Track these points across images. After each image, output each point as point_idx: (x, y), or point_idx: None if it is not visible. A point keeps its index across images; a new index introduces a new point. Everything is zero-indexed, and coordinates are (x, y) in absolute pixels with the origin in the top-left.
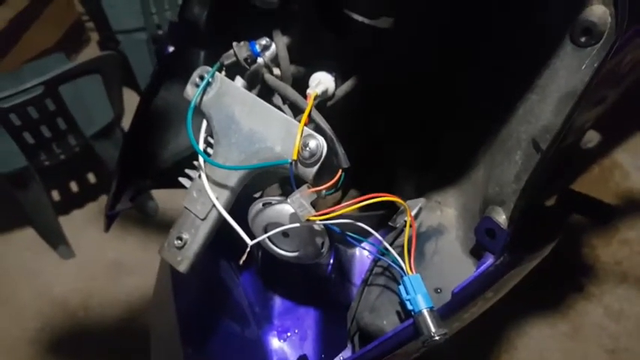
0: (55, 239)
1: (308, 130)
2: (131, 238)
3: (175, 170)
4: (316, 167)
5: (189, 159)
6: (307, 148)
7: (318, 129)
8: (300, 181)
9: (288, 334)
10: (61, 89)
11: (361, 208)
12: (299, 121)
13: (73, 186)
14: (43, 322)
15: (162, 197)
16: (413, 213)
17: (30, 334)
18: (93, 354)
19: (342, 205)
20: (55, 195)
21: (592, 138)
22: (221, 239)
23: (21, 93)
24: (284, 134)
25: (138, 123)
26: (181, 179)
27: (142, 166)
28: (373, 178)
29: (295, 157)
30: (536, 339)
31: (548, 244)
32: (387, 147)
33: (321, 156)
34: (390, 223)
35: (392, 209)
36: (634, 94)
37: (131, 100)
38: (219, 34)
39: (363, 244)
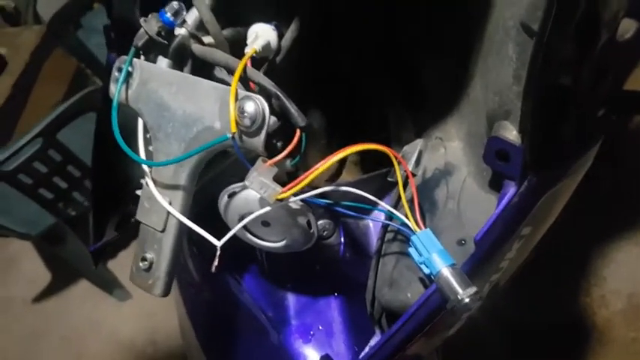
0: (109, 285)
1: (243, 92)
2: None
3: None
4: (263, 134)
5: None
6: (245, 114)
7: (261, 88)
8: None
9: (312, 332)
10: (66, 138)
11: (363, 171)
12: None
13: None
14: None
15: None
16: (413, 159)
17: None
18: None
19: (311, 170)
20: None
21: (628, 28)
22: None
23: (21, 150)
24: (220, 106)
25: (100, 146)
26: (138, 192)
27: (117, 192)
28: (368, 134)
29: (234, 129)
30: (624, 264)
31: (591, 148)
32: (366, 91)
33: (263, 119)
34: (388, 179)
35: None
36: None
37: None
38: None
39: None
